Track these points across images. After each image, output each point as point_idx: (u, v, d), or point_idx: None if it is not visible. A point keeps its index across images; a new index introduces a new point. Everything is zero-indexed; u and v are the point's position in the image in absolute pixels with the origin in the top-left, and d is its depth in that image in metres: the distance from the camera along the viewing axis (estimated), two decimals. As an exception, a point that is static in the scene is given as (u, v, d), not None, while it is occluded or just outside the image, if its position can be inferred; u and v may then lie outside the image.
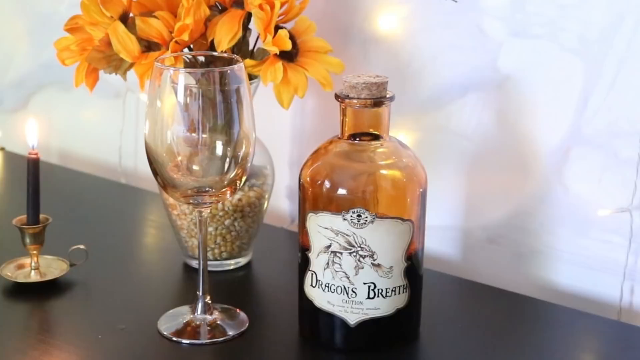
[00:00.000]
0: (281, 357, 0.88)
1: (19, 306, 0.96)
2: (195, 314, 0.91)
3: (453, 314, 0.97)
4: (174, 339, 0.89)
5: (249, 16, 0.96)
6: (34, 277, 0.99)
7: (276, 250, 1.12)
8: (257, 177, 1.03)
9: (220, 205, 1.00)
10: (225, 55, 0.92)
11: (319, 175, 0.84)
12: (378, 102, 0.84)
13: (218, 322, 0.91)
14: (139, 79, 0.95)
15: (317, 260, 0.85)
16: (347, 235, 0.83)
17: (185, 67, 0.94)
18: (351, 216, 0.82)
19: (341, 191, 0.83)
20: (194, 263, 1.03)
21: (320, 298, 0.86)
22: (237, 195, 1.01)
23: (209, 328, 0.90)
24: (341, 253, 0.83)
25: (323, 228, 0.84)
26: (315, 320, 0.87)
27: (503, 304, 0.99)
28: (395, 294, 0.84)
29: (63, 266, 1.01)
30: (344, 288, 0.84)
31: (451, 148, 1.10)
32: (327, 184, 0.84)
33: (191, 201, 0.87)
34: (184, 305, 0.94)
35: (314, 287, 0.86)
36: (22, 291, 0.98)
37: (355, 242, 0.83)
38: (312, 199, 0.85)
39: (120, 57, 0.95)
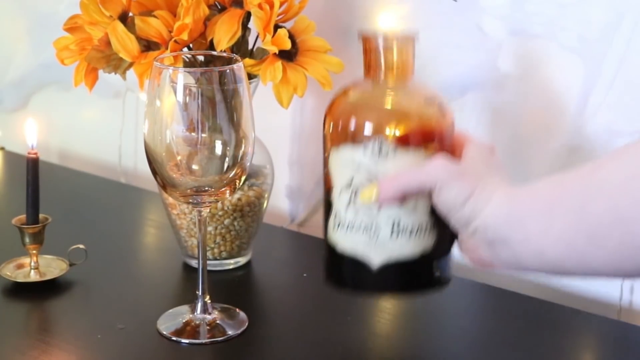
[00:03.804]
0: (281, 357, 0.88)
1: (19, 306, 0.96)
2: (195, 313, 0.91)
3: (452, 313, 0.97)
4: (174, 338, 0.89)
5: (248, 15, 0.96)
6: (33, 276, 0.99)
7: (276, 249, 1.12)
8: (257, 177, 1.03)
9: (219, 204, 1.00)
10: (224, 54, 0.92)
11: (344, 110, 0.82)
12: (403, 39, 0.81)
13: (217, 322, 0.91)
14: (138, 78, 0.95)
15: (340, 200, 0.82)
16: (368, 168, 0.79)
17: (184, 66, 0.94)
18: (372, 147, 0.79)
19: (364, 124, 0.80)
20: (194, 262, 1.03)
21: (343, 240, 0.82)
22: (237, 195, 1.01)
23: (208, 328, 0.90)
24: (363, 188, 0.80)
25: (344, 163, 0.81)
26: (339, 266, 0.84)
27: (503, 303, 0.99)
28: (420, 233, 0.80)
29: (62, 266, 1.01)
30: (367, 226, 0.80)
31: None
32: (351, 117, 0.81)
33: (190, 201, 0.87)
34: (184, 304, 0.94)
35: (336, 230, 0.83)
36: (22, 291, 0.98)
37: (377, 175, 0.79)
38: (335, 134, 0.82)
39: (119, 57, 0.95)
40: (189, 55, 0.95)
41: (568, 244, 0.69)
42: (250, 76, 0.97)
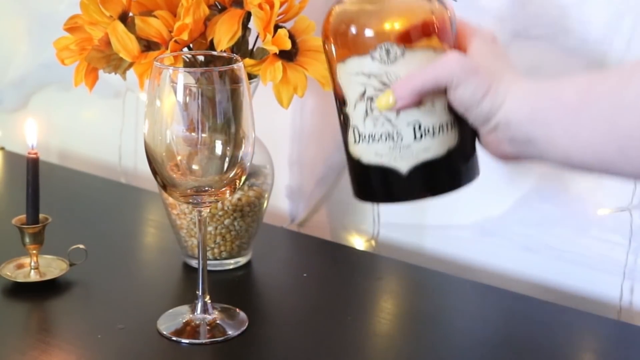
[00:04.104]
0: (281, 357, 0.88)
1: (19, 306, 0.96)
2: (195, 313, 0.91)
3: (452, 313, 0.97)
4: (174, 338, 0.89)
5: (248, 15, 0.96)
6: (33, 276, 0.99)
7: (276, 249, 1.12)
8: (257, 177, 1.03)
9: (219, 204, 1.00)
10: (224, 54, 0.92)
11: (342, 21, 0.80)
12: None
13: (217, 322, 0.91)
14: (138, 78, 0.95)
15: (356, 112, 0.80)
16: (379, 75, 0.78)
17: (184, 66, 0.94)
18: (380, 53, 0.78)
19: (366, 31, 0.78)
20: (194, 262, 1.03)
21: (365, 152, 0.80)
22: (237, 195, 1.01)
23: (208, 327, 0.90)
24: (377, 96, 0.78)
25: (354, 76, 0.79)
26: (368, 179, 0.82)
27: (503, 304, 0.99)
28: (443, 132, 0.79)
29: (62, 266, 1.01)
30: (389, 134, 0.79)
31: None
32: (350, 27, 0.79)
33: (191, 201, 0.87)
34: (184, 304, 0.94)
35: (357, 143, 0.80)
36: (22, 291, 0.98)
37: (389, 80, 0.78)
38: (337, 48, 0.80)
39: (119, 57, 0.95)
40: (189, 55, 0.95)
41: (596, 152, 0.69)
42: (250, 76, 0.97)
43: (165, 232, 1.11)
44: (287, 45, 0.94)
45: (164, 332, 0.90)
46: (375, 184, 0.81)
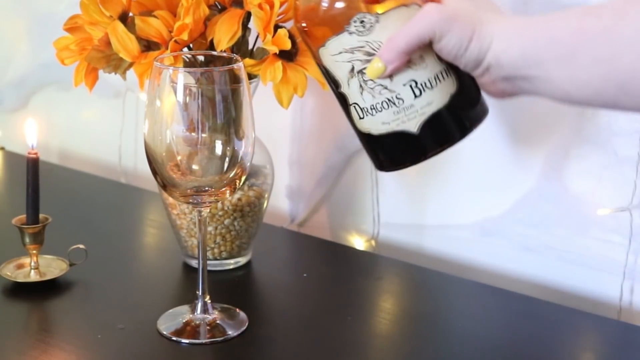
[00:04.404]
0: (281, 357, 0.88)
1: (19, 306, 0.96)
2: (195, 313, 0.91)
3: (452, 313, 0.97)
4: (174, 338, 0.89)
5: (248, 15, 0.96)
6: (33, 276, 0.99)
7: (276, 249, 1.12)
8: (257, 177, 1.03)
9: (219, 204, 1.00)
10: (224, 54, 0.92)
11: (309, 6, 0.81)
12: None
13: (217, 322, 0.91)
14: (138, 78, 0.95)
15: (351, 90, 0.81)
16: (361, 47, 0.79)
17: (184, 66, 0.94)
18: (355, 26, 0.78)
19: (336, 7, 0.79)
20: (194, 262, 1.03)
21: (373, 124, 0.81)
22: (237, 195, 1.01)
23: (208, 328, 0.90)
24: (366, 68, 0.79)
25: (337, 55, 0.80)
26: (384, 149, 0.82)
27: (502, 304, 0.99)
28: (440, 81, 0.79)
29: (62, 266, 1.01)
30: (389, 100, 0.79)
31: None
32: (320, 8, 0.80)
33: (191, 201, 0.87)
34: (184, 304, 0.94)
35: (362, 118, 0.81)
36: (22, 291, 0.98)
37: (373, 49, 0.78)
38: (313, 33, 0.81)
39: (119, 57, 0.95)
40: (189, 55, 0.95)
41: (597, 91, 0.69)
42: (250, 76, 0.97)
43: (165, 232, 1.11)
44: (287, 45, 0.94)
45: (164, 332, 0.90)
46: (392, 151, 0.82)
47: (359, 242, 1.21)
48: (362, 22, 0.78)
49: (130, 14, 0.96)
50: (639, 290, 1.02)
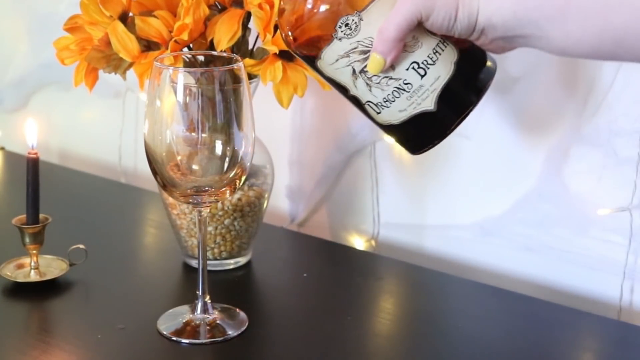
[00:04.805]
0: (281, 357, 0.88)
1: (19, 306, 0.96)
2: (195, 313, 0.91)
3: (452, 313, 0.97)
4: (174, 338, 0.89)
5: (248, 15, 0.96)
6: (33, 276, 0.99)
7: (276, 249, 1.12)
8: (257, 177, 1.03)
9: (219, 204, 1.00)
10: (224, 54, 0.92)
11: (293, 28, 0.82)
12: None
13: (217, 322, 0.91)
14: (138, 78, 0.95)
15: (359, 91, 0.82)
16: (354, 49, 0.80)
17: (184, 66, 0.94)
18: (342, 31, 0.79)
19: (317, 21, 0.80)
20: (194, 262, 1.03)
21: (391, 115, 0.82)
22: (237, 195, 1.01)
23: (208, 328, 0.90)
24: (366, 65, 0.80)
25: (335, 62, 0.81)
26: (410, 134, 0.83)
27: (502, 304, 0.99)
28: (440, 54, 0.80)
29: (62, 266, 1.01)
30: (398, 88, 0.80)
31: (451, 147, 1.10)
32: (303, 28, 0.81)
33: (191, 201, 0.87)
34: (184, 304, 0.94)
35: (380, 113, 0.82)
36: (22, 291, 0.98)
37: (367, 46, 0.79)
38: (306, 50, 0.82)
39: (119, 57, 0.95)
40: (189, 55, 0.95)
41: (593, 47, 0.70)
42: (250, 76, 0.97)
43: (165, 232, 1.11)
44: (287, 45, 0.94)
45: (164, 332, 0.90)
46: (418, 134, 0.83)
47: (359, 242, 1.21)
48: (346, 25, 0.79)
49: (130, 14, 0.96)
50: (639, 290, 1.02)
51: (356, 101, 0.83)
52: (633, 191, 0.99)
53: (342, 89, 0.82)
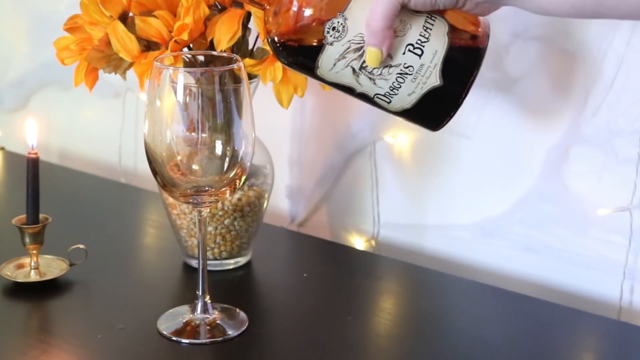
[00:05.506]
0: (281, 357, 0.88)
1: (19, 306, 0.96)
2: (195, 313, 0.91)
3: (452, 313, 0.97)
4: (174, 338, 0.89)
5: (248, 15, 0.96)
6: (33, 276, 0.99)
7: (276, 249, 1.12)
8: (257, 177, 1.03)
9: (219, 204, 1.00)
10: (224, 54, 0.92)
11: (281, 34, 0.82)
12: None
13: (218, 322, 0.91)
14: (138, 78, 0.95)
15: (365, 87, 0.82)
16: (348, 49, 0.80)
17: (184, 66, 0.94)
18: (331, 36, 0.80)
19: (310, 31, 0.81)
20: (194, 262, 1.03)
21: (402, 100, 0.82)
22: (237, 195, 1.01)
23: (208, 328, 0.90)
24: (364, 61, 0.80)
25: (333, 67, 0.81)
26: (426, 113, 0.84)
27: (502, 304, 0.99)
28: (431, 29, 0.81)
29: (63, 266, 1.01)
30: (401, 74, 0.81)
31: (451, 147, 1.10)
32: (292, 43, 0.82)
33: (191, 201, 0.87)
34: (184, 304, 0.94)
35: (390, 102, 0.83)
36: (22, 291, 0.98)
37: (359, 42, 0.80)
38: (302, 65, 0.83)
39: (119, 57, 0.95)
40: (189, 55, 0.95)
41: (574, 7, 0.72)
42: (250, 76, 0.97)
43: (165, 232, 1.11)
44: (287, 45, 0.94)
45: (164, 332, 0.90)
46: (432, 111, 0.84)
47: (359, 242, 1.21)
48: (334, 28, 0.80)
49: (130, 14, 0.96)
50: (639, 290, 1.02)
51: (365, 97, 0.83)
52: (633, 191, 0.99)
53: (349, 90, 0.83)
